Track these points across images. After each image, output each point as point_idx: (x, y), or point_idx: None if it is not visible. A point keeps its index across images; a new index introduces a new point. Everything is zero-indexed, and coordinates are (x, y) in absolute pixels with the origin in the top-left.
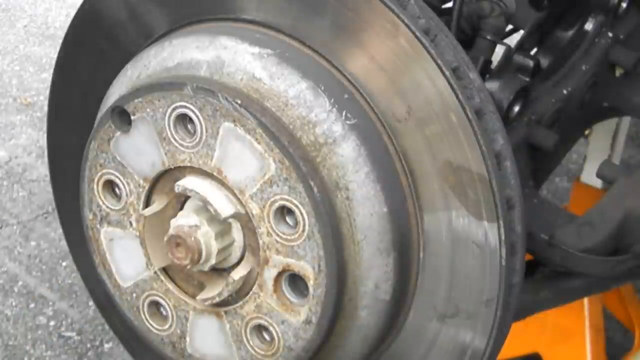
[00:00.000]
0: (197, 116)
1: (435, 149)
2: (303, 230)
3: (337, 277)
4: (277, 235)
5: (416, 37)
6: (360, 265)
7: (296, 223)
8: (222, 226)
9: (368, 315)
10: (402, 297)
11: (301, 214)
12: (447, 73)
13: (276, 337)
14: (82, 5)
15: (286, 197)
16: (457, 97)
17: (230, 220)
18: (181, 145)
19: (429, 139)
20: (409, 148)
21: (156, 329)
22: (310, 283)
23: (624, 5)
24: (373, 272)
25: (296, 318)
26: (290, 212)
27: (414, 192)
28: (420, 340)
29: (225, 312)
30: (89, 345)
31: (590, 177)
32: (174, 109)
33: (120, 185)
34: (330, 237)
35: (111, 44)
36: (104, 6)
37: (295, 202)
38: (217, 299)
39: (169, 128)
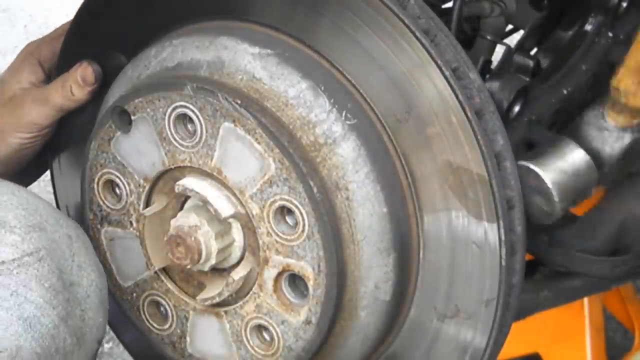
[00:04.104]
0: (197, 116)
1: (435, 149)
2: (303, 231)
3: (337, 277)
4: (277, 235)
5: (416, 37)
6: (360, 266)
7: (296, 223)
8: (222, 226)
9: (368, 316)
10: (402, 297)
11: (301, 214)
12: (447, 73)
13: (276, 337)
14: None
15: (286, 197)
16: (457, 97)
17: (230, 220)
18: (181, 145)
19: (429, 139)
20: (409, 148)
21: (156, 329)
22: (310, 283)
23: (624, 5)
24: (373, 272)
25: (296, 318)
26: (290, 212)
27: (414, 193)
28: (420, 340)
29: (225, 312)
30: None
31: None
32: (174, 109)
33: (121, 185)
34: (330, 238)
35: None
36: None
37: (295, 202)
38: (217, 299)
39: (169, 128)
